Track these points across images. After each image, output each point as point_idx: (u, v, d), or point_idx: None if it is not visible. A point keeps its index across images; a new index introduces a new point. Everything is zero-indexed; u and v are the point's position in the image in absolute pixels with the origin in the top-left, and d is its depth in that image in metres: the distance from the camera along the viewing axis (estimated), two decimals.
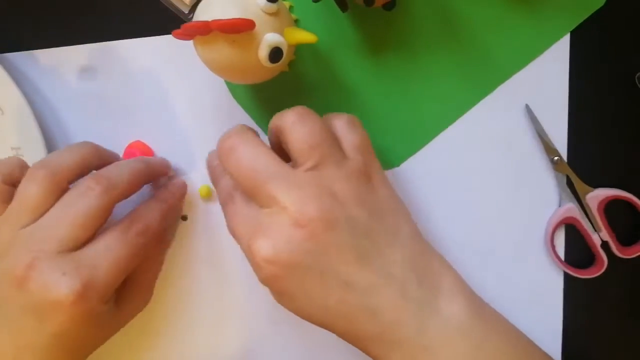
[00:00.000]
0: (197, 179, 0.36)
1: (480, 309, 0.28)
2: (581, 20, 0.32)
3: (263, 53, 0.27)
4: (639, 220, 0.34)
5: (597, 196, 0.33)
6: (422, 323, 0.26)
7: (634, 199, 0.33)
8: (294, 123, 0.28)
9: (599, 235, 0.34)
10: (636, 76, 0.32)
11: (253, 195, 0.27)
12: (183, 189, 0.35)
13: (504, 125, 0.34)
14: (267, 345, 0.37)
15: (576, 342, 0.36)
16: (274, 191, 0.26)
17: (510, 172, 0.34)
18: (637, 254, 0.34)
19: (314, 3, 0.31)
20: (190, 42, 0.28)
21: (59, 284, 0.26)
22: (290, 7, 0.32)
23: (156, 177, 0.34)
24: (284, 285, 0.26)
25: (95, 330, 0.29)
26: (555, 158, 0.33)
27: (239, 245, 0.28)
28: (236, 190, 0.29)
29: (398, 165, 0.35)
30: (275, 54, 0.27)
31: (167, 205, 0.33)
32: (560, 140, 0.34)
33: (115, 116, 0.36)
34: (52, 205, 0.28)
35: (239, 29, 0.26)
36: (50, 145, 0.35)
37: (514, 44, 0.33)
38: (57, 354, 0.28)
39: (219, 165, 0.31)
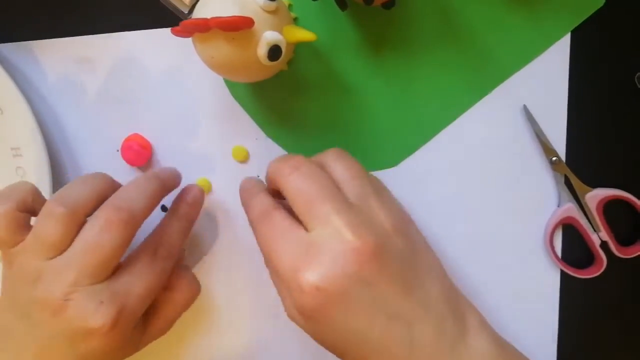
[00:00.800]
0: (195, 172, 0.35)
1: (503, 343, 0.29)
2: (581, 20, 0.32)
3: (262, 51, 0.27)
4: (638, 220, 0.34)
5: (596, 196, 0.33)
6: (454, 357, 0.26)
7: (633, 198, 0.33)
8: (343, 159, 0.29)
9: (598, 235, 0.34)
10: (636, 76, 0.32)
11: (307, 214, 0.27)
12: (201, 198, 0.34)
13: (502, 125, 0.34)
14: (269, 346, 0.37)
15: (572, 342, 0.36)
16: (332, 212, 0.26)
17: (508, 172, 0.34)
18: (636, 254, 0.34)
19: (313, 1, 0.31)
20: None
21: (97, 313, 0.27)
22: (290, 5, 0.32)
23: (170, 191, 0.33)
24: (325, 314, 0.26)
25: (119, 352, 0.29)
26: (554, 158, 0.33)
27: (269, 266, 0.28)
28: (276, 209, 0.28)
29: (397, 165, 0.34)
30: (274, 52, 0.27)
31: (187, 221, 0.33)
32: (559, 140, 0.33)
33: (112, 109, 0.35)
34: (72, 240, 0.28)
35: (237, 27, 0.25)
36: (49, 145, 0.35)
37: (513, 44, 0.32)
38: None
39: (255, 187, 0.30)
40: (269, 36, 0.27)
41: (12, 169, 0.35)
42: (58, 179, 0.36)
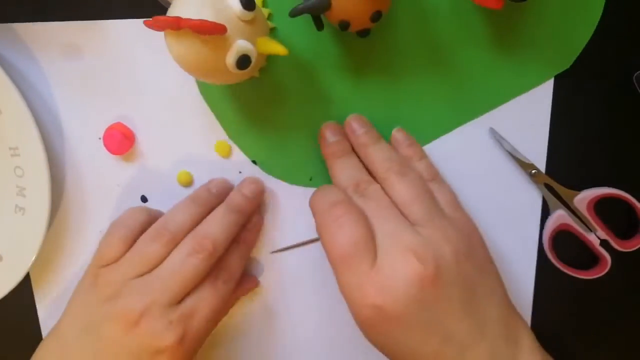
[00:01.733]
0: (175, 164, 0.36)
1: None
2: (564, 68, 0.33)
3: (231, 59, 0.27)
4: (632, 213, 0.34)
5: (584, 198, 0.34)
6: None
7: (623, 194, 0.34)
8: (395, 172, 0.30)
9: (595, 235, 0.34)
10: (635, 76, 0.32)
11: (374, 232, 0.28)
12: (260, 226, 0.36)
13: (478, 144, 0.34)
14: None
15: (586, 340, 0.36)
16: (399, 232, 0.27)
17: (491, 191, 0.35)
18: (639, 246, 0.34)
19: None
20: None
21: (167, 331, 0.30)
22: (269, 15, 0.32)
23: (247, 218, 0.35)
24: (381, 330, 0.27)
25: None
26: (533, 171, 0.34)
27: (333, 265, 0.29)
28: (356, 214, 0.29)
29: None
30: (243, 61, 0.27)
31: (246, 247, 0.35)
32: (540, 149, 0.34)
33: (96, 97, 0.35)
34: (163, 261, 0.31)
35: (208, 32, 0.25)
36: (49, 144, 0.35)
37: (494, 82, 0.33)
38: None
39: (343, 142, 0.33)
40: (240, 45, 0.27)
41: (10, 169, 0.35)
42: (56, 178, 0.36)
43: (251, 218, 0.35)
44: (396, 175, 0.30)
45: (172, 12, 0.26)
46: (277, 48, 0.28)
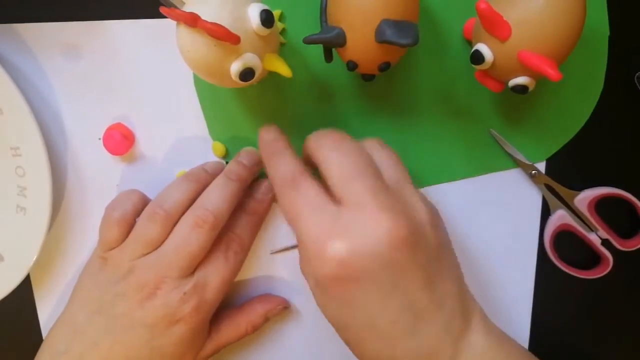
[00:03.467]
0: (174, 164, 0.36)
1: (504, 339, 0.29)
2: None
3: (235, 68, 0.26)
4: (633, 213, 0.34)
5: (585, 198, 0.34)
6: (455, 355, 0.27)
7: (623, 193, 0.33)
8: (379, 148, 0.29)
9: (597, 235, 0.34)
10: (635, 76, 0.32)
11: (343, 190, 0.26)
12: (270, 194, 0.35)
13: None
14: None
15: (589, 337, 0.36)
16: (370, 191, 0.26)
17: (492, 193, 0.35)
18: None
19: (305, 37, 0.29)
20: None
21: (182, 303, 0.31)
22: (283, 30, 0.33)
23: (247, 185, 0.34)
24: (341, 288, 0.26)
25: (192, 344, 0.33)
26: (533, 172, 0.34)
27: (294, 231, 0.27)
28: (305, 177, 0.28)
29: None
30: (247, 74, 0.27)
31: (257, 217, 0.35)
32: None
33: (96, 97, 0.35)
34: (165, 239, 0.32)
35: (222, 38, 0.25)
36: (50, 144, 0.35)
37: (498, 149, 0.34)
38: None
39: (278, 142, 0.30)
40: (247, 58, 0.26)
41: (11, 169, 0.35)
42: (57, 179, 0.37)
43: (260, 187, 0.35)
44: (376, 146, 0.30)
45: (190, 7, 0.26)
46: (282, 68, 0.28)
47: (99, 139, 0.36)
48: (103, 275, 0.32)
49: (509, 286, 0.35)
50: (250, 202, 0.35)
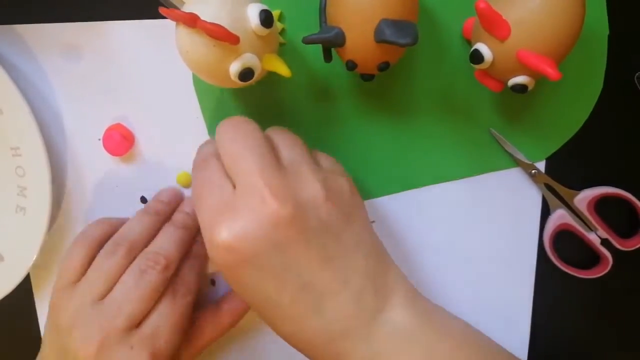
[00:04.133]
0: (175, 165, 0.36)
1: (432, 315, 0.28)
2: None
3: (235, 68, 0.26)
4: (633, 213, 0.34)
5: (585, 198, 0.34)
6: (371, 332, 0.26)
7: (623, 193, 0.33)
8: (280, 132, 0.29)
9: (596, 234, 0.34)
10: (635, 76, 0.32)
11: (232, 170, 0.26)
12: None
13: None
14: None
15: (588, 338, 0.36)
16: (256, 171, 0.25)
17: (492, 193, 0.35)
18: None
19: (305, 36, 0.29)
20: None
21: (130, 358, 0.29)
22: (282, 30, 0.33)
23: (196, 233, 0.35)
24: (235, 273, 0.26)
25: None
26: (533, 172, 0.34)
27: (197, 215, 0.27)
28: (214, 157, 0.28)
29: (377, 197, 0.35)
30: (246, 74, 0.27)
31: (200, 260, 0.35)
32: None
33: (96, 98, 0.35)
34: (120, 277, 0.30)
35: (222, 39, 0.25)
36: (50, 144, 0.35)
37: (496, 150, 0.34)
38: None
39: (211, 142, 0.30)
40: (247, 58, 0.26)
41: (11, 169, 0.35)
42: (57, 179, 0.37)
43: (198, 240, 0.35)
44: (278, 131, 0.29)
45: (189, 7, 0.26)
46: (281, 68, 0.28)
47: (99, 139, 0.36)
48: (54, 322, 0.31)
49: (508, 285, 0.35)
50: (197, 247, 0.35)
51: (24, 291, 0.38)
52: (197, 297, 0.34)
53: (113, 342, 0.29)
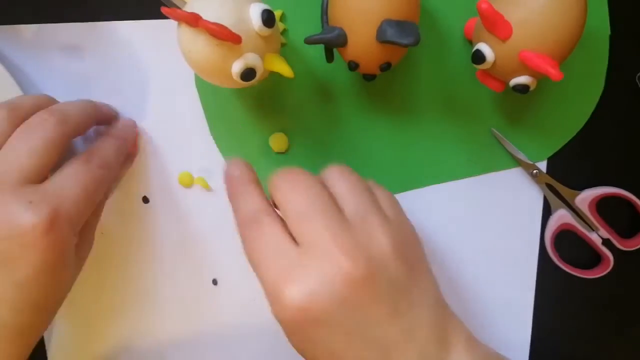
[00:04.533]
0: (176, 164, 0.36)
1: (487, 358, 0.28)
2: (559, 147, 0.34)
3: (237, 68, 0.27)
4: (634, 212, 0.34)
5: (586, 198, 0.34)
6: None
7: (624, 192, 0.33)
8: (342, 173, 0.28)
9: (597, 234, 0.34)
10: (637, 76, 0.32)
11: (298, 229, 0.26)
12: (133, 127, 0.35)
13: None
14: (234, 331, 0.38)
15: (589, 338, 0.36)
16: (324, 229, 0.25)
17: (493, 193, 0.35)
18: None
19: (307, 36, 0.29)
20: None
21: (27, 212, 0.26)
22: (284, 30, 0.33)
23: (104, 120, 0.34)
24: (303, 332, 0.25)
25: (60, 274, 0.29)
26: (534, 172, 0.34)
27: (256, 274, 0.26)
28: (267, 215, 0.27)
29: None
30: (248, 74, 0.27)
31: (121, 141, 0.33)
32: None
33: (97, 97, 0.35)
34: (9, 136, 0.28)
35: (224, 38, 0.25)
36: None
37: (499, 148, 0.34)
38: (22, 307, 0.28)
39: (243, 177, 0.29)
40: (249, 58, 0.26)
41: None
42: None
43: (123, 117, 0.35)
44: (335, 176, 0.28)
45: (191, 7, 0.26)
46: (283, 68, 0.28)
47: None
48: None
49: (510, 285, 0.36)
50: (114, 128, 0.34)
51: None
52: (117, 182, 0.32)
53: (7, 196, 0.26)
